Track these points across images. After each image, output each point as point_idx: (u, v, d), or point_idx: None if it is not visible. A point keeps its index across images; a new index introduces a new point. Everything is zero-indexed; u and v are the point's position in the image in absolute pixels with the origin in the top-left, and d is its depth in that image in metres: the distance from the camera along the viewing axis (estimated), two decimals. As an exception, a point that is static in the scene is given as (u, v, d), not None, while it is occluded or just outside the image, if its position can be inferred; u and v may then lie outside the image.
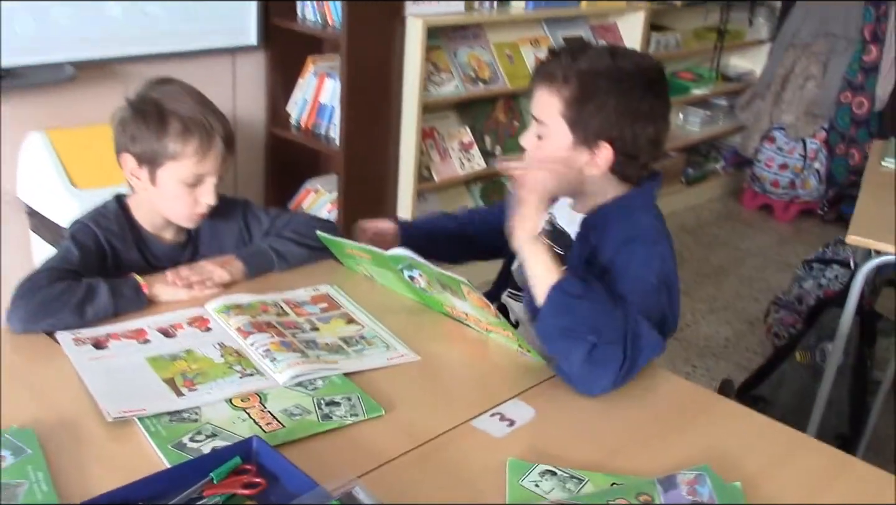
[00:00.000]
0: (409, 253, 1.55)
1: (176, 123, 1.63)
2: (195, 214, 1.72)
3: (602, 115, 1.55)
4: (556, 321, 1.43)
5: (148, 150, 1.64)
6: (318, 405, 1.34)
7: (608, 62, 1.55)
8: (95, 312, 1.51)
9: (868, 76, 4.62)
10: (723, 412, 1.45)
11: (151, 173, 1.66)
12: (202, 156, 1.64)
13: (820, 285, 3.27)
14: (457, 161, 3.47)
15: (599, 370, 1.40)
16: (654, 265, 1.53)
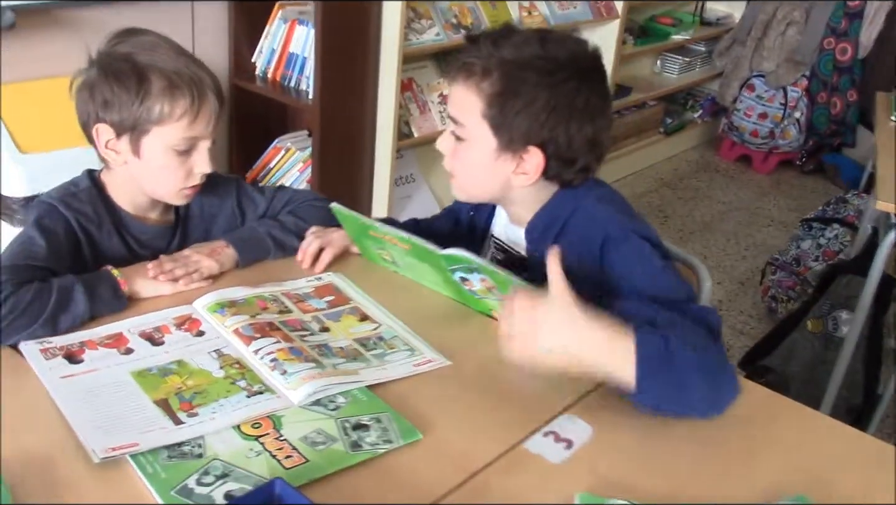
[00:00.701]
0: (475, 257, 1.31)
1: (158, 80, 1.36)
2: (188, 188, 1.46)
3: (530, 115, 1.30)
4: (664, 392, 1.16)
5: (127, 116, 1.37)
6: (343, 430, 1.13)
7: (536, 50, 1.31)
8: (71, 320, 1.27)
9: (852, 22, 4.46)
10: (810, 425, 1.27)
11: (134, 144, 1.40)
12: (194, 116, 1.39)
13: (819, 245, 3.13)
14: (437, 115, 3.23)
15: (720, 380, 1.20)
16: (644, 253, 1.32)
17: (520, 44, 1.32)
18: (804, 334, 2.59)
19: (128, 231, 1.49)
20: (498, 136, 1.33)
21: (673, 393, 1.15)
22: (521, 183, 1.37)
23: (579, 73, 1.33)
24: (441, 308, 1.47)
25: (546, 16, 3.56)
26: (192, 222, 1.57)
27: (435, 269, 1.43)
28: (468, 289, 1.40)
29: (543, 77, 1.30)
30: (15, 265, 1.29)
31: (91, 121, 1.41)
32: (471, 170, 1.39)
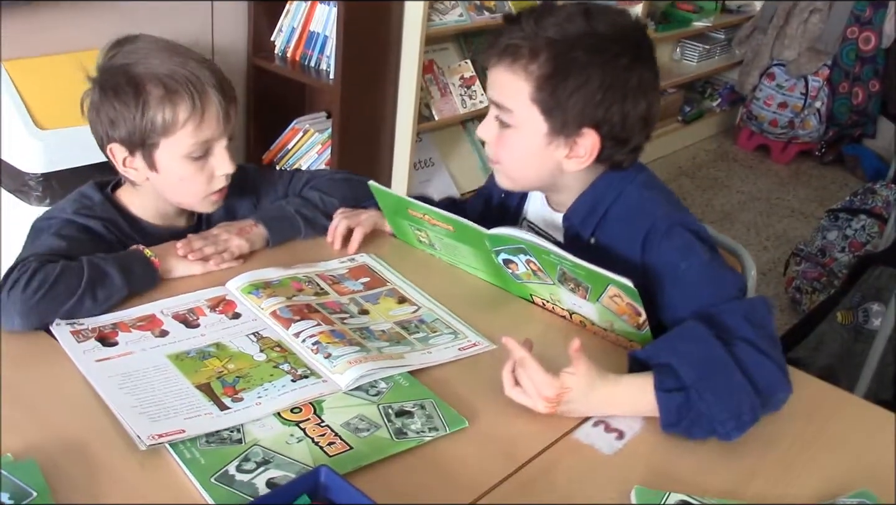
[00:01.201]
0: (526, 235, 1.25)
1: (155, 88, 1.31)
2: (213, 193, 1.41)
3: (584, 95, 1.24)
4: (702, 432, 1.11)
5: (133, 131, 1.32)
6: (386, 416, 1.08)
7: (582, 26, 1.24)
8: (108, 294, 1.22)
9: (877, 10, 4.38)
10: (872, 420, 1.22)
11: (147, 159, 1.35)
12: (199, 118, 1.33)
13: (846, 237, 3.07)
14: (458, 98, 3.17)
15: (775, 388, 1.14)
16: (690, 246, 1.27)
17: (564, 21, 1.25)
18: (833, 326, 2.54)
19: (149, 238, 1.42)
20: (549, 120, 1.27)
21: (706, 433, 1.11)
22: (573, 167, 1.31)
23: (629, 48, 1.27)
24: (480, 291, 1.42)
25: None
26: (214, 221, 1.50)
27: (476, 250, 1.37)
28: (511, 272, 1.35)
29: (594, 55, 1.24)
30: (40, 253, 1.24)
31: (105, 142, 1.37)
32: (519, 157, 1.33)
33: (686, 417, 1.10)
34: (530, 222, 1.50)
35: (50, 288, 1.17)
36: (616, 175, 1.35)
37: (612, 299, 1.21)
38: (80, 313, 1.20)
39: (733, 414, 1.09)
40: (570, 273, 1.22)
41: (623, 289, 1.17)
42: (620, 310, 1.21)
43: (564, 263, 1.21)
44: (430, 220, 1.40)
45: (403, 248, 1.53)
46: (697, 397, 1.09)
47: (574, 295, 1.26)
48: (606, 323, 1.27)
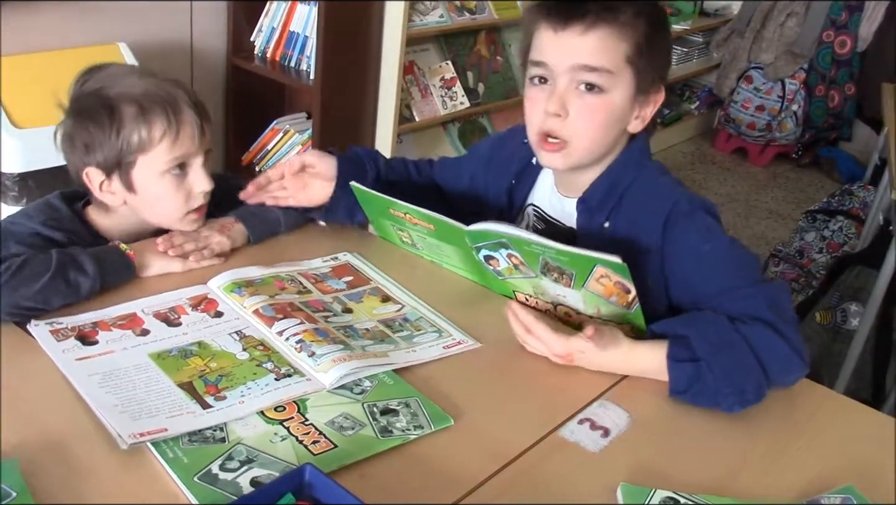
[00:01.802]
0: (506, 228, 1.24)
1: (129, 107, 1.30)
2: (193, 212, 1.39)
3: (664, 51, 1.33)
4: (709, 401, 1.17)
5: (109, 152, 1.31)
6: (371, 415, 1.08)
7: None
8: (79, 280, 1.21)
9: (852, 14, 4.43)
10: (856, 416, 1.23)
11: (125, 180, 1.34)
12: (174, 135, 1.32)
13: (823, 238, 3.10)
14: (439, 99, 3.17)
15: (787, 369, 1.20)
16: (712, 228, 1.29)
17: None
18: (812, 326, 2.56)
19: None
20: (639, 78, 1.28)
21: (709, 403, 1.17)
22: (636, 128, 1.33)
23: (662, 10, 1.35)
24: (463, 289, 1.42)
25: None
26: None
27: (458, 248, 1.37)
28: (492, 269, 1.34)
29: (663, 19, 1.33)
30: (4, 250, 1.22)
31: (80, 170, 1.35)
32: (600, 125, 1.29)
33: (693, 388, 1.16)
34: (536, 206, 1.48)
35: (17, 270, 1.16)
36: (632, 159, 1.36)
37: (598, 282, 1.20)
38: (53, 300, 1.18)
39: (737, 390, 1.14)
40: (553, 262, 1.22)
41: (611, 267, 1.16)
42: (608, 291, 1.20)
43: (547, 252, 1.20)
44: (411, 219, 1.39)
45: (387, 247, 1.52)
46: (707, 370, 1.14)
47: (558, 284, 1.25)
48: (593, 309, 1.26)
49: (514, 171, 1.49)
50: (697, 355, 1.15)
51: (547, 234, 1.34)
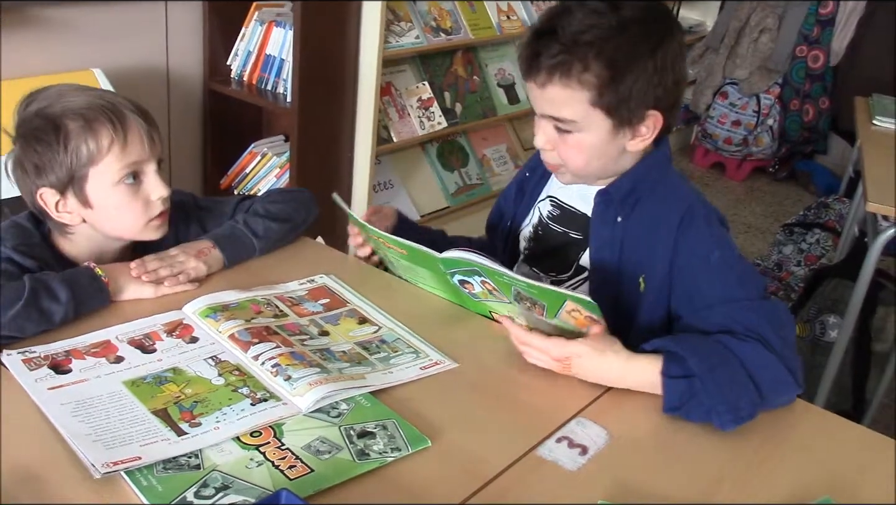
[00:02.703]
0: (475, 257, 1.25)
1: (73, 121, 1.29)
2: (154, 220, 1.38)
3: (642, 84, 1.25)
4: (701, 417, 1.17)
5: (60, 170, 1.30)
6: (348, 438, 1.07)
7: (614, 18, 1.24)
8: (52, 308, 1.20)
9: (824, 29, 4.49)
10: (833, 428, 1.23)
11: (79, 195, 1.32)
12: (122, 141, 1.31)
13: (801, 250, 3.12)
14: (416, 120, 3.17)
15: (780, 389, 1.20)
16: (726, 238, 1.31)
17: (595, 20, 1.24)
18: (791, 339, 2.57)
19: None
20: (614, 116, 1.27)
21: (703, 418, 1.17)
22: (637, 147, 1.32)
23: (660, 19, 1.29)
24: (439, 310, 1.42)
25: (524, 19, 3.53)
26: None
27: (432, 272, 1.37)
28: (468, 292, 1.34)
29: (639, 43, 1.25)
30: None
31: (34, 193, 1.33)
32: (586, 156, 1.32)
33: (687, 404, 1.16)
34: (553, 197, 1.48)
35: None
36: (655, 165, 1.36)
37: (569, 314, 1.21)
38: (27, 328, 1.17)
39: (732, 407, 1.14)
40: (525, 293, 1.23)
41: (582, 303, 1.17)
42: (579, 323, 1.21)
43: (518, 284, 1.22)
44: (385, 243, 1.39)
45: (364, 269, 1.52)
46: (700, 386, 1.15)
47: (531, 312, 1.26)
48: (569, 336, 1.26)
49: (529, 166, 1.53)
50: (692, 372, 1.15)
51: (561, 220, 1.41)
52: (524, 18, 3.54)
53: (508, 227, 1.55)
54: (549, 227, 1.47)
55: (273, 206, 1.52)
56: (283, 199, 1.54)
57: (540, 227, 1.48)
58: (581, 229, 1.41)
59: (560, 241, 1.44)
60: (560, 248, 1.44)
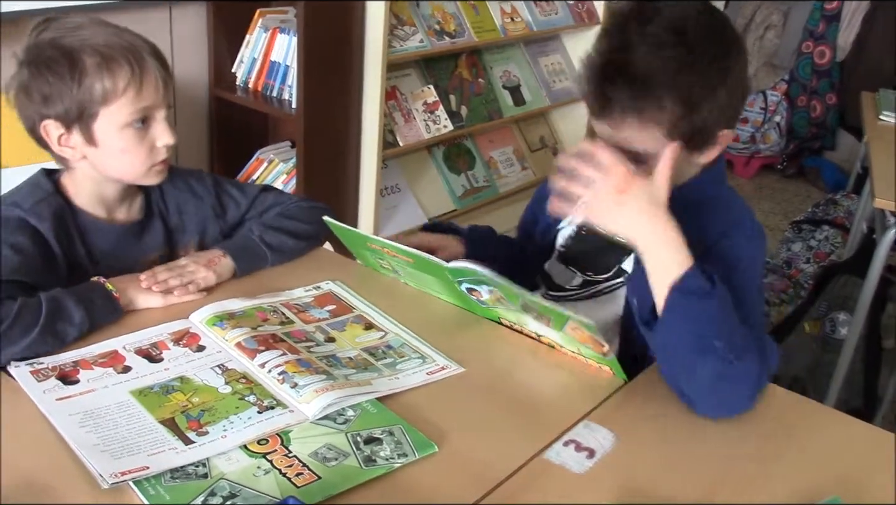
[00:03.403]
0: (484, 270, 1.25)
1: (91, 57, 1.27)
2: (156, 165, 1.37)
3: (716, 111, 1.24)
4: (685, 330, 1.16)
5: (70, 104, 1.27)
6: (355, 444, 1.07)
7: (681, 50, 1.20)
8: (67, 330, 1.20)
9: (830, 25, 4.48)
10: (843, 427, 1.22)
11: (86, 133, 1.30)
12: (138, 85, 1.29)
13: (810, 248, 3.11)
14: (422, 123, 3.18)
15: (735, 387, 1.17)
16: (758, 262, 1.31)
17: (663, 54, 1.19)
18: (801, 337, 2.57)
19: (90, 238, 1.39)
20: (688, 145, 1.25)
21: (684, 357, 1.17)
22: (704, 161, 1.31)
23: (725, 38, 1.26)
24: (447, 315, 1.42)
25: (528, 21, 3.53)
26: (162, 218, 1.49)
27: (439, 279, 1.37)
28: (476, 299, 1.35)
29: (711, 73, 1.22)
30: None
31: (37, 122, 1.31)
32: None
33: (698, 302, 1.15)
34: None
35: (7, 329, 1.15)
36: (713, 180, 1.36)
37: (573, 331, 1.22)
38: (42, 350, 1.18)
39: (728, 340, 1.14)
40: (531, 305, 1.23)
41: (582, 324, 1.18)
42: (582, 339, 1.22)
43: (525, 298, 1.22)
44: (389, 252, 1.40)
45: (369, 275, 1.52)
46: (717, 298, 1.15)
47: (539, 322, 1.27)
48: (574, 348, 1.27)
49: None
50: (714, 288, 1.15)
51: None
52: (528, 20, 3.54)
53: (548, 225, 1.54)
54: (593, 229, 1.47)
55: (292, 224, 1.52)
56: (303, 217, 1.53)
57: (584, 228, 1.48)
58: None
59: (603, 243, 1.43)
60: (602, 250, 1.44)
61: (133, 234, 1.45)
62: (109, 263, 1.40)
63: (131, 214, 1.46)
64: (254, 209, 1.56)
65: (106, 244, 1.42)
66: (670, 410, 1.20)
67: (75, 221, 1.39)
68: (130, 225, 1.45)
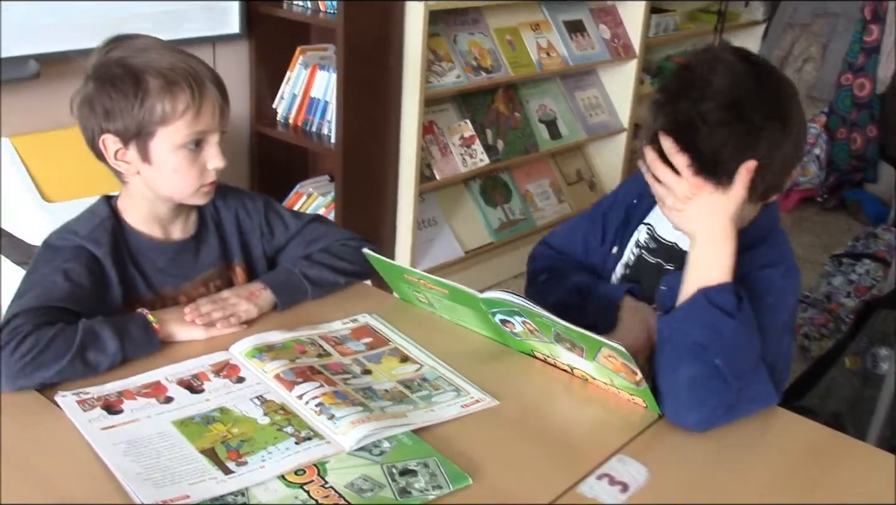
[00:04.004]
0: (516, 299, 1.28)
1: (155, 79, 1.32)
2: (205, 186, 1.42)
3: (783, 171, 1.27)
4: (691, 330, 1.21)
5: (130, 121, 1.33)
6: (390, 476, 1.09)
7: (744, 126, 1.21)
8: (99, 360, 1.24)
9: (869, 57, 4.44)
10: (880, 465, 1.21)
11: (142, 150, 1.35)
12: (196, 109, 1.34)
13: (850, 281, 3.07)
14: (458, 157, 3.21)
15: (700, 400, 1.21)
16: (789, 301, 1.31)
17: (728, 132, 1.21)
18: (842, 372, 2.53)
19: (149, 258, 1.44)
20: (754, 199, 1.28)
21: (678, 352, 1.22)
22: (756, 209, 1.35)
23: (782, 97, 1.26)
24: (481, 347, 1.43)
25: (564, 56, 3.57)
26: (217, 234, 1.52)
27: (474, 311, 1.39)
28: (509, 331, 1.36)
29: (778, 141, 1.23)
30: (35, 308, 1.25)
31: (96, 135, 1.36)
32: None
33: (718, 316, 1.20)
34: (650, 225, 1.51)
35: (39, 354, 1.19)
36: (769, 216, 1.38)
37: (607, 359, 1.23)
38: (73, 376, 1.21)
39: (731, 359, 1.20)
40: (564, 335, 1.24)
41: (615, 351, 1.19)
42: (616, 368, 1.23)
43: (557, 326, 1.24)
44: (425, 284, 1.42)
45: (405, 307, 1.54)
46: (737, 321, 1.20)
47: (571, 353, 1.28)
48: (606, 379, 1.28)
49: (636, 192, 1.53)
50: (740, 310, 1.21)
51: (657, 253, 1.45)
52: (564, 55, 3.57)
53: (613, 254, 1.57)
54: (642, 257, 1.51)
55: (337, 262, 1.54)
56: (349, 256, 1.56)
57: (639, 254, 1.51)
58: (675, 261, 1.43)
59: (654, 271, 1.47)
60: (653, 278, 1.46)
61: (188, 251, 1.49)
62: (166, 280, 1.45)
63: (186, 232, 1.50)
64: (301, 236, 1.59)
65: (162, 262, 1.46)
66: (704, 445, 1.20)
67: (131, 243, 1.43)
68: (185, 242, 1.49)
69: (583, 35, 3.70)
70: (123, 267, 1.41)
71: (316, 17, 2.87)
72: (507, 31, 3.39)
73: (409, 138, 3.00)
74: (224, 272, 1.52)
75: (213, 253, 1.51)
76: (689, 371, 1.20)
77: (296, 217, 1.61)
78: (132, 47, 1.36)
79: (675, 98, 1.26)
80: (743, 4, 4.84)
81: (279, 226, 1.58)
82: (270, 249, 1.58)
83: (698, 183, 1.23)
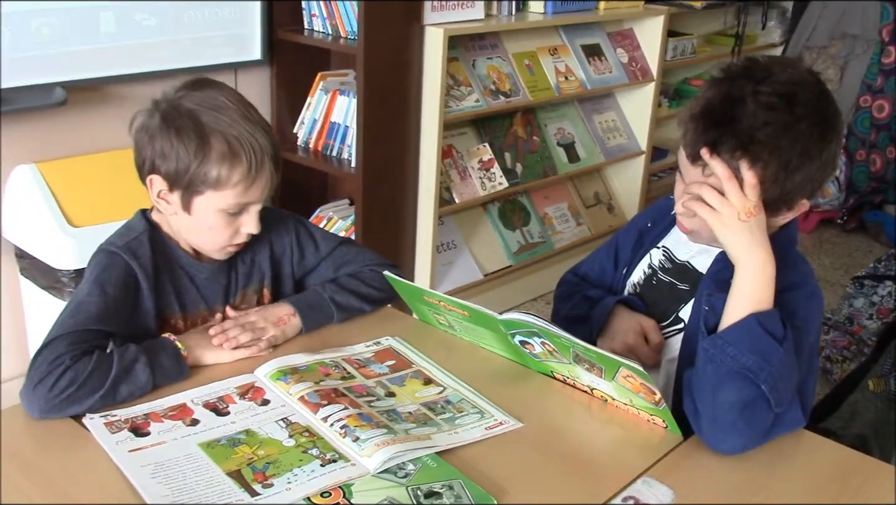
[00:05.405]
0: (535, 320, 1.28)
1: (220, 144, 1.33)
2: (231, 246, 1.44)
3: (807, 181, 1.27)
4: (740, 354, 1.20)
5: (184, 173, 1.34)
6: (415, 498, 1.09)
7: (788, 117, 1.23)
8: (131, 391, 1.25)
9: (888, 79, 4.44)
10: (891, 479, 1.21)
11: (185, 200, 1.37)
12: (250, 183, 1.36)
13: (872, 304, 3.05)
14: (477, 180, 3.22)
15: (744, 425, 1.20)
16: (814, 323, 1.31)
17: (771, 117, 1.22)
18: (865, 395, 2.51)
19: (185, 273, 1.46)
20: (770, 207, 1.28)
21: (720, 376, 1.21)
22: (775, 224, 1.34)
23: (830, 117, 1.28)
24: (501, 369, 1.44)
25: (583, 80, 3.58)
26: (252, 252, 1.53)
27: (494, 332, 1.40)
28: (529, 352, 1.37)
29: (811, 145, 1.25)
30: (72, 332, 1.26)
31: (146, 166, 1.38)
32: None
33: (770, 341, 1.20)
34: (666, 248, 1.52)
35: (76, 390, 1.20)
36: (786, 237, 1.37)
37: (625, 379, 1.23)
38: (103, 408, 1.23)
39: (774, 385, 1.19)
40: (583, 355, 1.25)
41: (633, 370, 1.19)
42: (635, 388, 1.24)
43: (576, 347, 1.24)
44: (445, 305, 1.43)
45: (427, 330, 1.55)
46: (784, 349, 1.20)
47: (590, 374, 1.28)
48: (626, 399, 1.28)
49: (650, 216, 1.56)
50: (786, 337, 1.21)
51: (670, 273, 1.45)
52: (582, 78, 3.59)
53: (622, 273, 1.58)
54: (657, 276, 1.51)
55: (364, 288, 1.56)
56: (377, 283, 1.57)
57: (653, 276, 1.51)
58: (689, 282, 1.44)
59: (666, 290, 1.47)
60: (665, 297, 1.47)
61: (222, 272, 1.50)
62: (198, 300, 1.46)
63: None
64: (331, 259, 1.60)
65: (198, 279, 1.47)
66: (730, 468, 1.20)
67: (168, 254, 1.44)
68: (221, 264, 1.49)
69: (600, 59, 3.71)
70: (158, 279, 1.42)
71: (336, 44, 2.90)
72: (526, 56, 3.41)
73: (429, 162, 3.02)
74: (252, 295, 1.54)
75: (245, 275, 1.53)
76: (735, 395, 1.19)
77: (326, 239, 1.62)
78: (208, 101, 1.36)
79: (734, 77, 1.28)
80: (760, 27, 4.85)
81: (310, 247, 1.59)
82: (300, 271, 1.60)
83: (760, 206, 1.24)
